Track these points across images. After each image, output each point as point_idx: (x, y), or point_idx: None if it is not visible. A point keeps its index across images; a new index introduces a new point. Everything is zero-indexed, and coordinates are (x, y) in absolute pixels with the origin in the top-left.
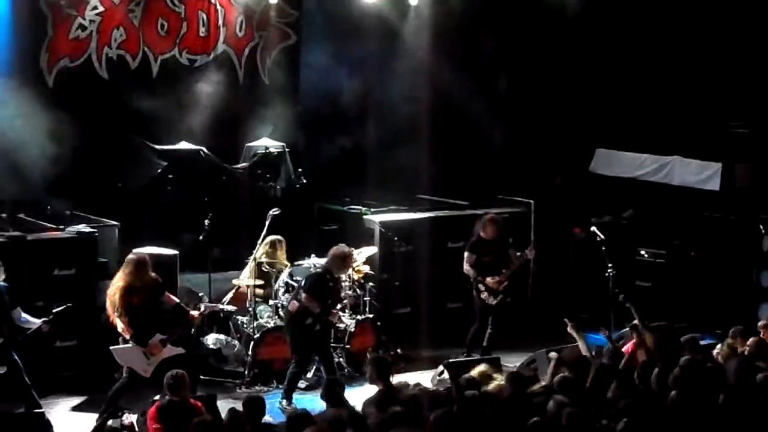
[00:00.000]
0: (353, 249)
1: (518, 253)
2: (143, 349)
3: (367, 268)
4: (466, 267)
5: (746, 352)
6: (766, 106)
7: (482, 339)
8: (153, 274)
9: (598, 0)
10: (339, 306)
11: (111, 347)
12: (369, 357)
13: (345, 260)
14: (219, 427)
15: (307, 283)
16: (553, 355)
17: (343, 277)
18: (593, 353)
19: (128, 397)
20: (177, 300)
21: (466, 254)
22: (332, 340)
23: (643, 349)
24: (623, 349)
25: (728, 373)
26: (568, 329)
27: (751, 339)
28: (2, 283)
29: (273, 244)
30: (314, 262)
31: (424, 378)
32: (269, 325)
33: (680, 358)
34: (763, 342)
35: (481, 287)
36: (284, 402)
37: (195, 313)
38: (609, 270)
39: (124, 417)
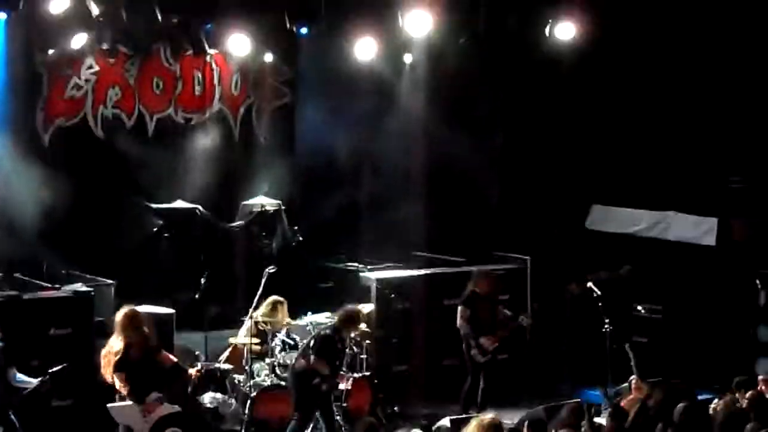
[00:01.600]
0: (362, 307)
1: (509, 314)
2: (140, 407)
3: (363, 326)
4: (460, 322)
5: (744, 406)
6: (761, 161)
7: (475, 396)
8: (148, 331)
9: (593, 56)
10: (345, 366)
11: (108, 405)
12: (360, 422)
13: (355, 320)
14: None
15: (317, 345)
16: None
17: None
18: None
19: None
20: (174, 359)
21: (460, 308)
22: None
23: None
24: (622, 404)
25: (714, 422)
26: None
27: (749, 392)
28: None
29: (274, 305)
30: (311, 320)
31: None
32: (266, 384)
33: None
34: (762, 397)
35: (473, 344)
36: None
37: (192, 371)
38: (605, 326)
39: None
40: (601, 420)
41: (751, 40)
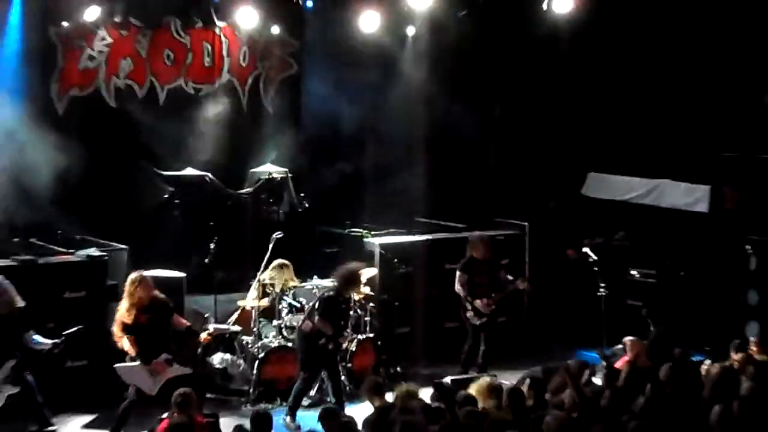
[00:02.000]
0: (359, 265)
1: (509, 278)
2: (148, 368)
3: (367, 289)
4: (457, 286)
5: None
6: (752, 132)
7: (475, 357)
8: (162, 296)
9: (589, 28)
10: (348, 330)
11: (115, 365)
12: (366, 380)
13: (355, 280)
14: None
15: (321, 306)
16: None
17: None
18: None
19: (136, 415)
20: (188, 323)
21: (458, 273)
22: None
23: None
24: (616, 365)
25: (707, 383)
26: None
27: (739, 354)
28: (20, 305)
29: (280, 267)
30: (316, 284)
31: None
32: (273, 345)
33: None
34: (750, 358)
35: (468, 306)
36: (288, 419)
37: (205, 334)
38: (601, 289)
39: None
40: (597, 380)
41: (742, 17)
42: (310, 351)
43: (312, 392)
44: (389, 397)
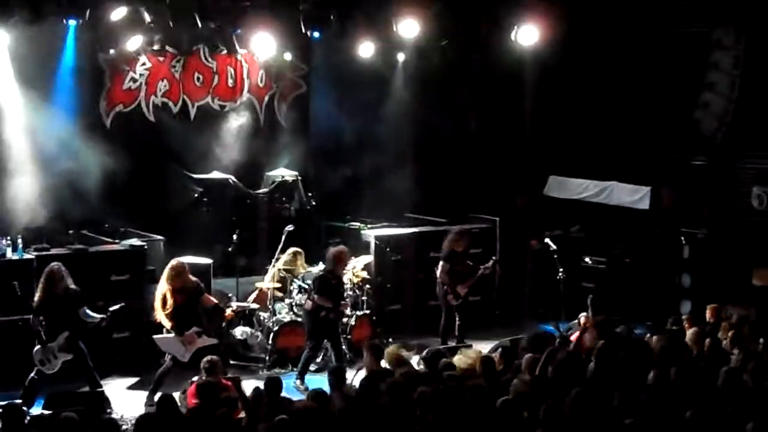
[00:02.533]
0: (342, 247)
1: (472, 264)
2: (181, 339)
3: (364, 274)
4: (442, 275)
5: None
6: (686, 140)
7: (452, 330)
8: (195, 279)
9: (548, 56)
10: (345, 299)
11: (154, 336)
12: (366, 344)
13: (340, 258)
14: (244, 402)
15: (316, 285)
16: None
17: (346, 278)
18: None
19: (171, 378)
20: (215, 301)
21: (441, 263)
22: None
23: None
24: (571, 338)
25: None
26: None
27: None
28: (74, 287)
29: (295, 254)
30: (321, 268)
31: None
32: (285, 320)
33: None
34: (680, 332)
35: (449, 291)
36: (298, 381)
37: (228, 311)
38: (560, 274)
39: None
40: None
41: (679, 48)
42: (313, 324)
43: (318, 359)
44: (383, 363)
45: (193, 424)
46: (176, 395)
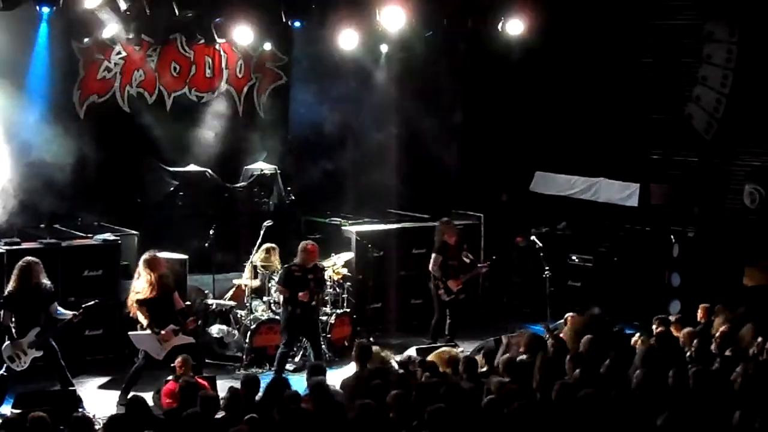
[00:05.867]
0: (308, 241)
1: (471, 257)
2: (158, 336)
3: (345, 271)
4: (434, 267)
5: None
6: (675, 137)
7: (443, 329)
8: (168, 273)
9: (537, 48)
10: (308, 290)
11: (129, 333)
12: (356, 343)
13: (304, 251)
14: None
15: (279, 276)
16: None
17: (326, 275)
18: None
19: (145, 377)
20: (183, 304)
21: (434, 256)
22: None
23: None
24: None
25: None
26: None
27: (660, 328)
28: (47, 282)
29: (268, 251)
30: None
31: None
32: (263, 318)
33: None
34: (668, 333)
35: (441, 285)
36: None
37: (191, 319)
38: (546, 272)
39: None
40: None
41: (668, 47)
42: (284, 318)
43: (297, 358)
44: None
45: (166, 426)
46: (149, 395)
